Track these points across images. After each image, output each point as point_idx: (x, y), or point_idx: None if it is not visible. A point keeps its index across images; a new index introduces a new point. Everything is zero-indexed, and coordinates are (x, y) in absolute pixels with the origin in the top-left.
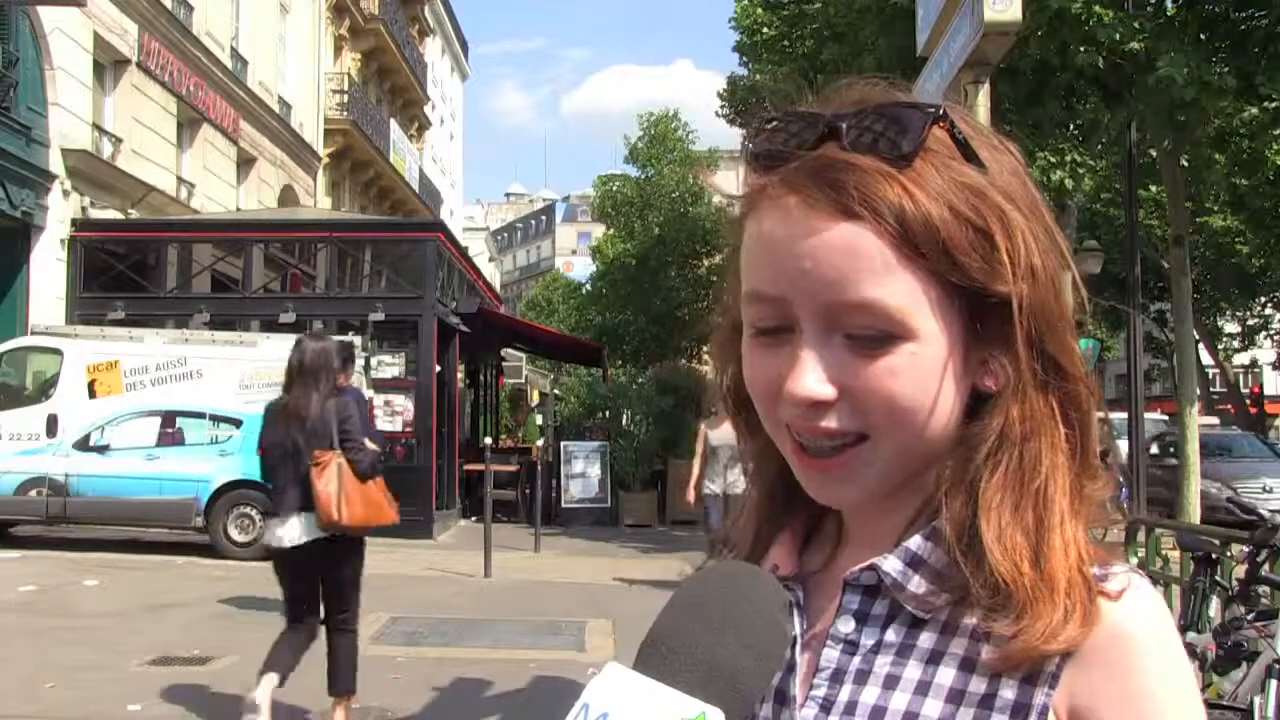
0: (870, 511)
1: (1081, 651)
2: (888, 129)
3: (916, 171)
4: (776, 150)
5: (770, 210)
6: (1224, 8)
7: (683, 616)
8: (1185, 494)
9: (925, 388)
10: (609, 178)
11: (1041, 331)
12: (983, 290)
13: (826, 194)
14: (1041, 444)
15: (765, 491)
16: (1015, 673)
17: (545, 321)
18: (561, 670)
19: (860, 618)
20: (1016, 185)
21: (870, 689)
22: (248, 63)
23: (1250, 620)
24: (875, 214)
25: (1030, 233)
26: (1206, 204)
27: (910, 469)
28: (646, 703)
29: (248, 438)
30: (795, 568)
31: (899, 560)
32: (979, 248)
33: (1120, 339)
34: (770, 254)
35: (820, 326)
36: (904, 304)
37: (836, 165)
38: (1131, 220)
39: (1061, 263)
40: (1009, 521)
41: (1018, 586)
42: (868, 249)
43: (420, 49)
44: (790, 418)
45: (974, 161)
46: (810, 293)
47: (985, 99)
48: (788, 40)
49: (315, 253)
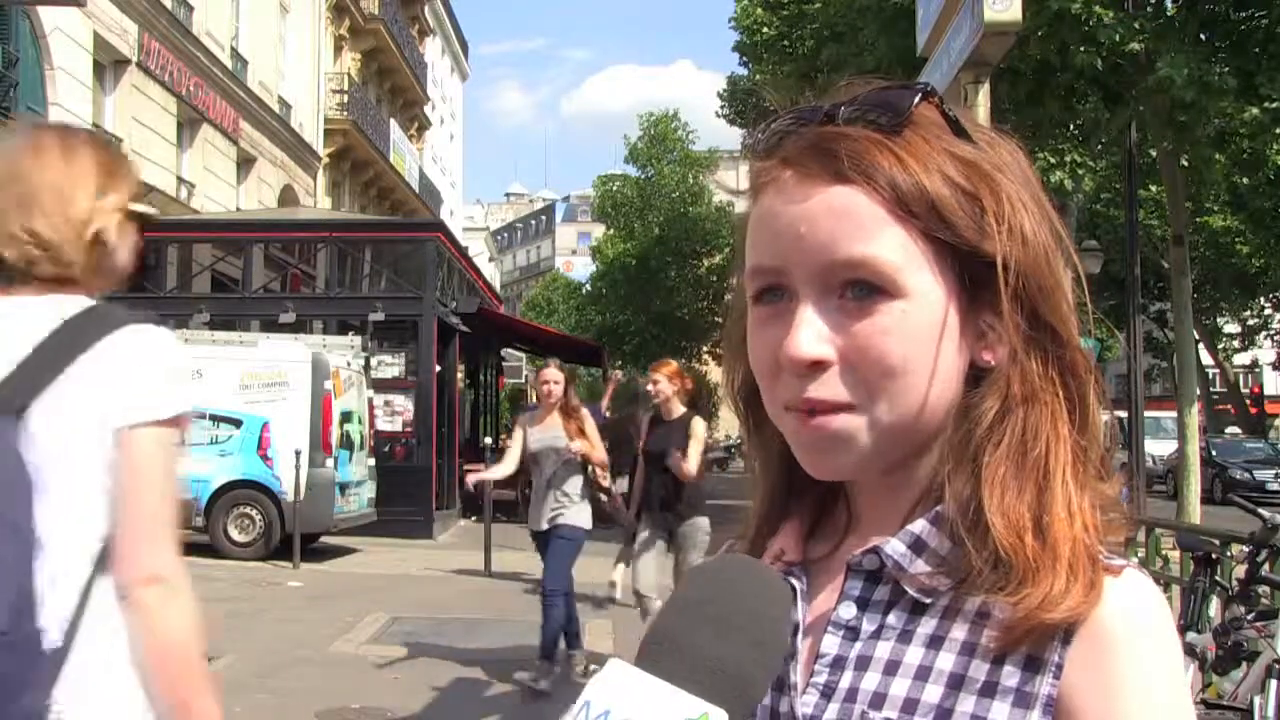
0: (874, 493)
1: (1080, 639)
2: (878, 105)
3: (907, 140)
4: (776, 134)
5: (769, 189)
6: (1224, 8)
7: (686, 614)
8: (1185, 494)
9: (918, 348)
10: (609, 178)
11: (1035, 297)
12: (974, 251)
13: (821, 163)
14: (1041, 412)
15: (768, 485)
16: (1017, 653)
17: (545, 321)
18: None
19: (862, 603)
20: (1009, 160)
21: (871, 675)
22: (248, 63)
23: (1250, 620)
24: (867, 178)
25: (1020, 200)
26: (1206, 204)
27: (910, 441)
28: (648, 701)
29: (247, 438)
30: (800, 554)
31: (901, 543)
32: (968, 210)
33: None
34: (768, 227)
35: (817, 290)
36: (896, 260)
37: (829, 137)
38: (1131, 220)
39: (1055, 238)
40: (1011, 492)
41: (1019, 556)
42: (860, 209)
43: (420, 49)
44: (789, 394)
45: (963, 136)
46: (806, 256)
47: (985, 99)
48: (788, 40)
49: (315, 253)
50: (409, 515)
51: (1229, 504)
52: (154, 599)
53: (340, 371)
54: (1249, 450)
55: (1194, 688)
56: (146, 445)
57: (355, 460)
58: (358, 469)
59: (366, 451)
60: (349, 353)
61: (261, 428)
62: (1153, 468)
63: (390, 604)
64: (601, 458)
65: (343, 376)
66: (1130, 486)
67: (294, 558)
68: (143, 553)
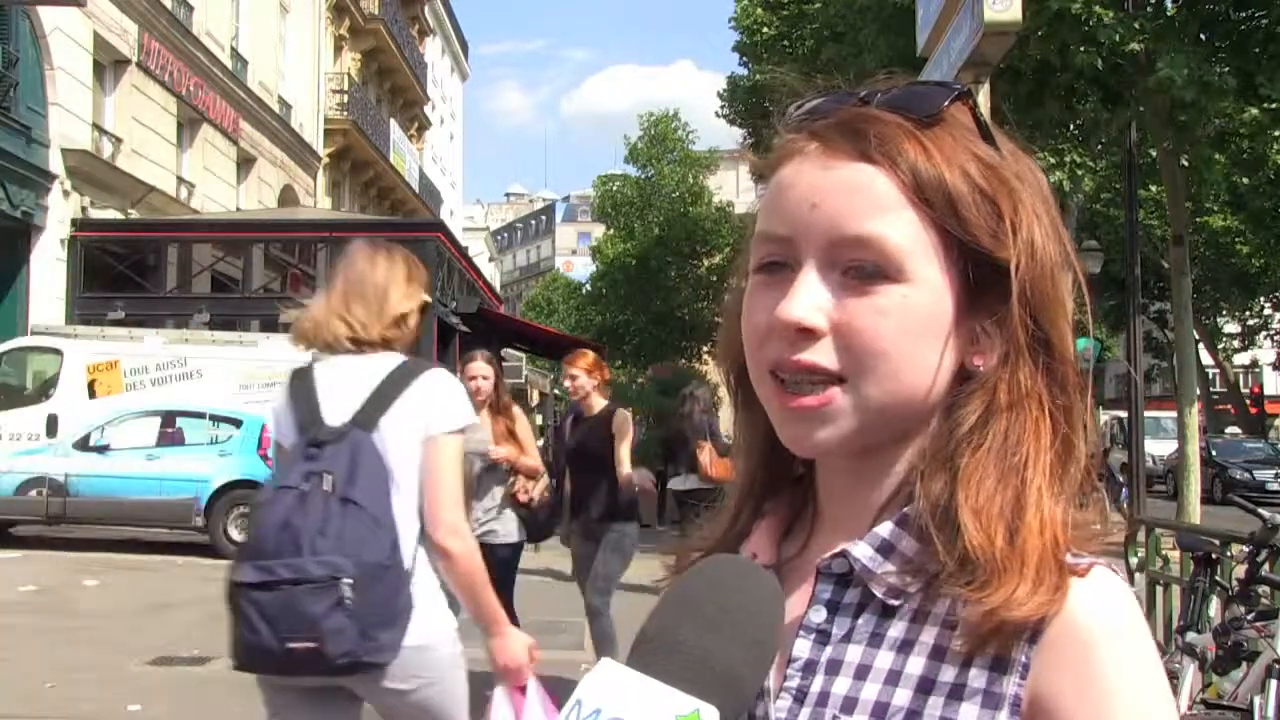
0: (844, 487)
1: (1047, 640)
2: (914, 97)
3: (935, 134)
4: (809, 110)
5: (791, 159)
6: (1224, 8)
7: (676, 612)
8: (1185, 494)
9: (911, 336)
10: (609, 178)
11: (1036, 307)
12: (983, 252)
13: (848, 140)
14: (1024, 422)
15: (749, 468)
16: (984, 654)
17: (545, 321)
18: (561, 670)
19: (832, 607)
20: (1029, 174)
21: (842, 679)
22: (248, 63)
23: (1250, 620)
24: (891, 160)
25: (1035, 212)
26: (1206, 204)
27: (892, 426)
28: (640, 699)
29: (247, 438)
30: (773, 557)
31: (869, 546)
32: (984, 211)
33: (1120, 339)
34: (783, 196)
35: (822, 262)
36: (903, 244)
37: (862, 117)
38: (1131, 220)
39: (1062, 255)
40: (986, 494)
41: (986, 556)
42: (878, 187)
43: (420, 49)
44: (776, 354)
45: (990, 142)
46: (815, 229)
47: (985, 99)
48: (788, 40)
49: (315, 253)
50: None
51: (1229, 504)
52: (454, 545)
53: None
54: (1249, 450)
55: (1194, 688)
56: (447, 447)
57: None
58: None
59: None
60: None
61: (261, 428)
62: (1153, 468)
63: None
64: (530, 465)
65: None
66: (1130, 487)
67: None
68: (445, 515)
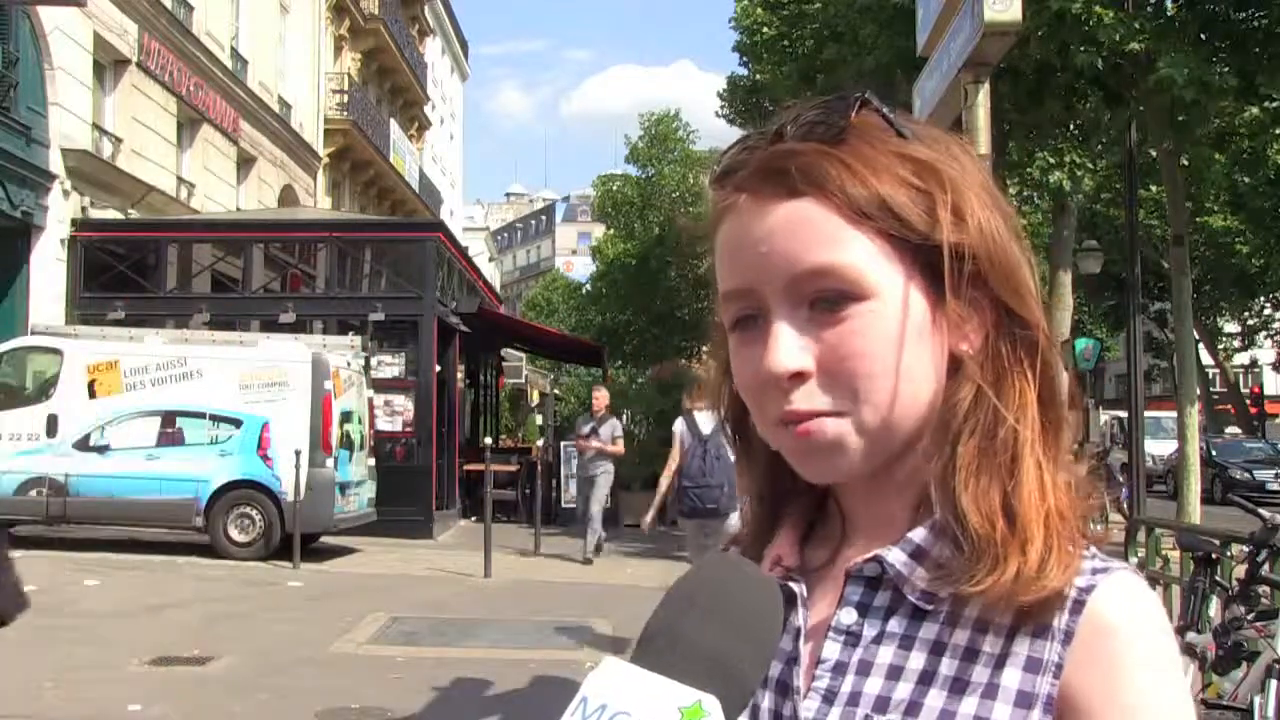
0: (866, 496)
1: (1080, 639)
2: (820, 119)
3: (853, 148)
4: (729, 166)
5: (727, 217)
6: (1224, 8)
7: (675, 609)
8: (1185, 494)
9: (892, 345)
10: (609, 178)
11: (994, 279)
12: (930, 242)
13: (773, 182)
14: (1009, 392)
15: (758, 493)
16: (1018, 654)
17: (545, 321)
18: (561, 670)
19: (862, 609)
20: (956, 152)
21: (873, 680)
22: (248, 63)
23: (1250, 620)
24: (819, 188)
25: (969, 188)
26: (1206, 204)
27: (899, 438)
28: (644, 694)
29: (247, 438)
30: (798, 560)
31: (903, 552)
32: (921, 204)
33: (1120, 339)
34: (732, 253)
35: (787, 303)
36: (858, 263)
37: (778, 156)
38: (1131, 220)
39: (1009, 224)
40: (983, 477)
41: (990, 542)
42: (816, 218)
43: (420, 49)
44: (778, 408)
45: (905, 136)
46: (771, 273)
47: (985, 99)
48: (788, 40)
49: (315, 253)
50: (409, 515)
51: (1229, 504)
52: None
53: (340, 371)
54: (1249, 450)
55: (1194, 688)
56: None
57: (355, 460)
58: (358, 469)
59: (366, 451)
60: (349, 353)
61: (261, 428)
62: (1153, 468)
63: (390, 604)
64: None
65: (343, 376)
66: (1130, 487)
67: (294, 558)
68: None
